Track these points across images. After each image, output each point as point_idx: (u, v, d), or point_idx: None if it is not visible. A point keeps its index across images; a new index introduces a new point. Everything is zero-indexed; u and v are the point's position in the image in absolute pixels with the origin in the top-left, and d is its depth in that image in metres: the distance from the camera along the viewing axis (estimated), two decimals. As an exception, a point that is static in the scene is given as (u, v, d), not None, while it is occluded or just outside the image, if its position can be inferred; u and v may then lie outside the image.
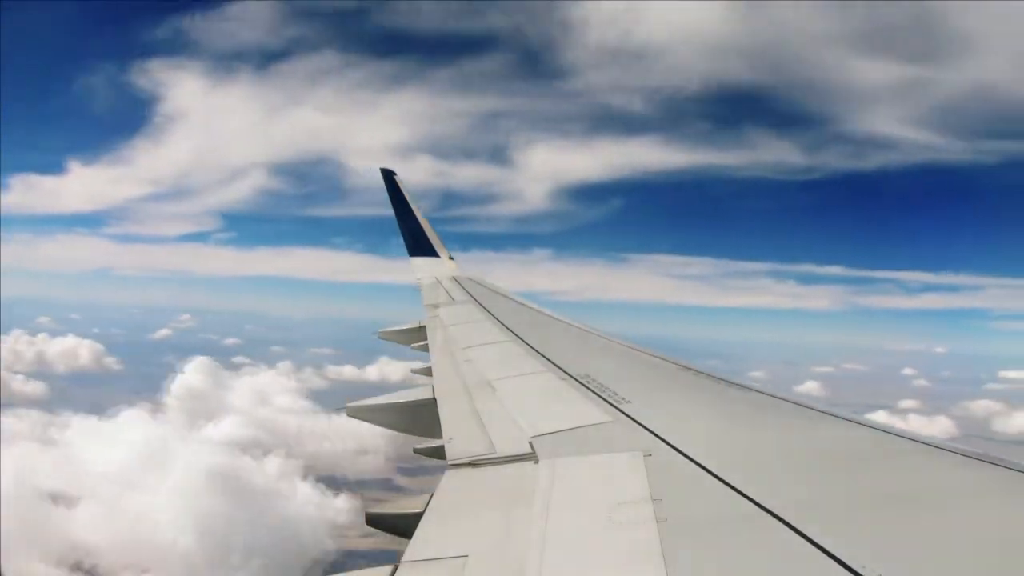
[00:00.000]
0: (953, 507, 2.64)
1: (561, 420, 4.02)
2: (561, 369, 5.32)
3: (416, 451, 4.73)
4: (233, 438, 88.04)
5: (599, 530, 2.60)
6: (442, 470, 3.61)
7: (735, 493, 2.74)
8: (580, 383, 4.83)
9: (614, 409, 4.13)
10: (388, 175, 12.88)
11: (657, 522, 2.55)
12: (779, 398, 4.43)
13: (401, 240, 12.60)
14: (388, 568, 2.48)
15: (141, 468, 73.59)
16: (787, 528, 2.39)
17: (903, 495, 2.76)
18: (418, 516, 3.02)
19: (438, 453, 3.99)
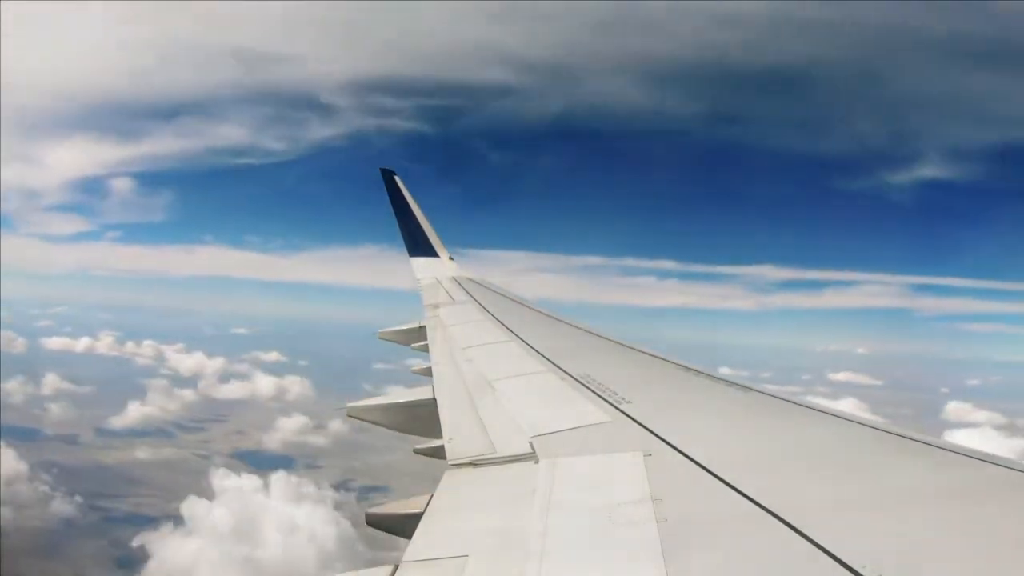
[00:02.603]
0: (953, 507, 2.64)
1: (561, 420, 4.02)
2: (561, 369, 5.32)
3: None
4: None
5: (599, 530, 2.60)
6: (442, 470, 3.61)
7: (735, 493, 2.74)
8: (580, 383, 4.83)
9: (614, 409, 4.13)
10: (388, 175, 12.85)
11: (657, 522, 2.55)
12: (779, 398, 4.43)
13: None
14: (388, 568, 2.48)
15: None
16: (787, 528, 2.39)
17: (903, 494, 2.76)
18: (418, 516, 3.02)
19: (438, 453, 3.99)
